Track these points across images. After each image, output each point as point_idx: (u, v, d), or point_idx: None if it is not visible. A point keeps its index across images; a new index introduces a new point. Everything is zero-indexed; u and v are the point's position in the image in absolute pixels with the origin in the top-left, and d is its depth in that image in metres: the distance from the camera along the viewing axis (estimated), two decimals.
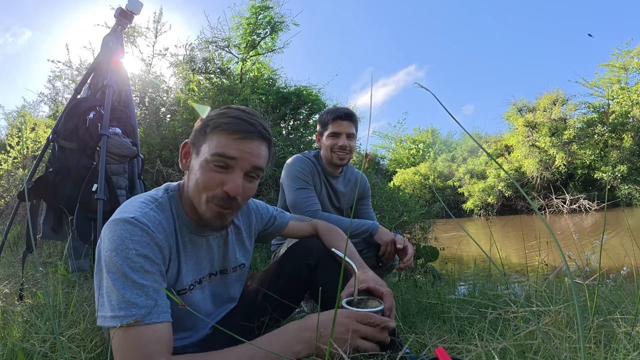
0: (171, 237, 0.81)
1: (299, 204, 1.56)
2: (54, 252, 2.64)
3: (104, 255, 0.71)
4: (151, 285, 0.70)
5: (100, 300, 0.71)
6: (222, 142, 0.77)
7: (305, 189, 1.59)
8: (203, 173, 0.77)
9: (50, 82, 6.18)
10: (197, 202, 0.80)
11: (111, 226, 0.72)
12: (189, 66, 5.88)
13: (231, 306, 1.03)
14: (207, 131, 0.79)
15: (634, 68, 15.63)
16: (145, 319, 0.66)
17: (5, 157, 4.69)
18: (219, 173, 0.77)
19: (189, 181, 0.82)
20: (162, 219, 0.79)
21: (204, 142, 0.79)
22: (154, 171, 3.77)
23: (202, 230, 0.88)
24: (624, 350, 0.72)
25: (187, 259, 0.85)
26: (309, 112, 6.50)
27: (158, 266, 0.73)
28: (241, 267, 1.02)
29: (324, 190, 1.74)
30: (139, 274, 0.69)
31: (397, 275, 2.97)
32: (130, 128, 1.87)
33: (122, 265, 0.68)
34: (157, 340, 0.67)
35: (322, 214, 1.54)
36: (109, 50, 1.81)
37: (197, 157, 0.81)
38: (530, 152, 16.96)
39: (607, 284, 1.80)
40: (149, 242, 0.73)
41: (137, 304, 0.67)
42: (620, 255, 2.33)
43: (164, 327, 0.69)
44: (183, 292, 0.85)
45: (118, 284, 0.68)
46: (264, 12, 6.41)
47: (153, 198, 0.82)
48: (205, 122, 0.81)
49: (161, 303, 0.70)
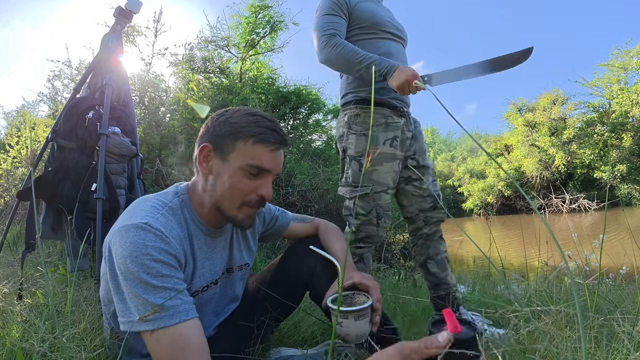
0: (185, 242, 0.80)
1: (318, 28, 1.36)
2: (53, 252, 2.64)
3: (118, 262, 0.70)
4: (172, 286, 0.70)
5: (121, 305, 0.70)
6: (258, 153, 0.80)
7: (333, 15, 1.37)
8: (238, 180, 0.80)
9: (50, 82, 6.18)
10: (228, 205, 0.82)
11: (123, 232, 0.71)
12: (189, 65, 5.88)
13: (234, 306, 1.03)
14: (239, 138, 0.79)
15: (633, 68, 15.63)
16: (174, 319, 0.67)
17: (5, 156, 4.68)
18: (252, 180, 0.81)
19: (214, 185, 0.82)
20: (174, 224, 0.78)
21: (233, 149, 0.80)
22: (154, 170, 3.77)
23: (214, 232, 0.88)
24: (625, 350, 0.72)
25: (203, 261, 0.85)
26: (308, 111, 6.51)
27: (175, 269, 0.73)
28: (246, 267, 1.03)
29: None
30: (157, 279, 0.69)
31: (397, 275, 2.97)
32: (130, 127, 1.86)
33: (138, 273, 0.68)
34: (192, 338, 0.68)
35: (337, 40, 1.32)
36: (108, 50, 1.81)
37: (224, 162, 0.80)
38: (529, 152, 16.97)
39: (607, 283, 1.80)
40: (164, 247, 0.72)
41: (162, 305, 0.67)
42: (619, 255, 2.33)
43: (195, 323, 0.70)
44: (196, 294, 0.85)
45: (139, 290, 0.68)
46: (263, 11, 6.41)
47: (163, 202, 0.81)
48: (233, 127, 0.80)
49: (187, 300, 0.71)
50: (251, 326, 0.98)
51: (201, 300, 0.87)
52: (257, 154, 0.79)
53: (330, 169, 4.62)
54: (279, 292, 1.03)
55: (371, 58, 1.27)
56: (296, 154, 4.81)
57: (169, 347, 0.66)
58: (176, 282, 0.71)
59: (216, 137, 0.81)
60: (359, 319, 0.81)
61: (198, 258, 0.84)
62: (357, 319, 0.81)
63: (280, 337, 1.24)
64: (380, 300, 0.86)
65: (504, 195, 17.51)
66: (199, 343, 0.68)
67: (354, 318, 0.81)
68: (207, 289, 0.88)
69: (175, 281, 0.71)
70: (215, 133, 0.82)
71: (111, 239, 0.74)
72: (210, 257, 0.88)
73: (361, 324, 0.82)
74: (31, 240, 1.63)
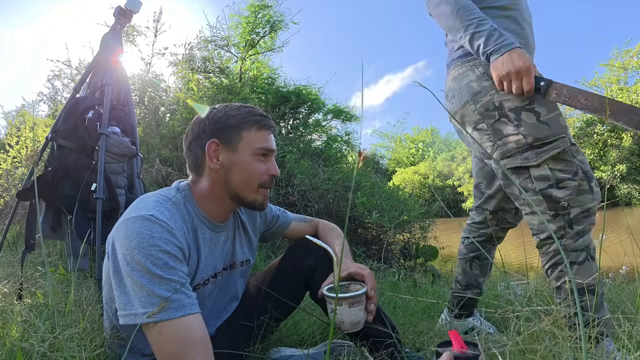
0: (188, 235, 0.81)
1: None
2: (53, 252, 2.64)
3: (123, 253, 0.70)
4: (178, 279, 0.70)
5: (123, 298, 0.70)
6: (262, 137, 0.87)
7: None
8: (253, 165, 0.86)
9: (50, 82, 6.18)
10: (247, 191, 0.87)
11: (128, 224, 0.72)
12: (188, 65, 5.88)
13: (235, 304, 1.03)
14: (243, 128, 0.86)
15: (633, 67, 15.65)
16: (178, 312, 0.67)
17: (5, 156, 4.68)
18: (263, 162, 0.88)
19: (229, 176, 0.86)
20: (178, 218, 0.80)
21: (240, 139, 0.85)
22: (154, 170, 3.77)
23: (218, 227, 0.90)
24: (625, 350, 0.72)
25: (207, 255, 0.87)
26: (308, 111, 6.50)
27: (180, 262, 0.74)
28: (247, 263, 1.03)
29: None
30: (164, 270, 0.69)
31: (397, 275, 2.97)
32: (130, 127, 1.86)
33: (145, 263, 0.68)
34: (196, 332, 0.68)
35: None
36: (108, 49, 1.81)
37: (234, 153, 0.85)
38: None
39: (607, 283, 1.80)
40: (169, 239, 0.73)
41: (167, 298, 0.67)
42: (619, 255, 2.34)
43: (199, 317, 0.71)
44: (197, 287, 0.86)
45: (145, 281, 0.68)
46: (263, 10, 6.40)
47: (166, 197, 0.82)
48: (235, 120, 0.85)
49: (190, 294, 0.71)
50: (251, 326, 0.98)
51: (201, 295, 0.87)
52: (261, 138, 0.87)
53: (330, 169, 4.62)
54: (280, 292, 1.03)
55: (484, 25, 0.97)
56: (296, 153, 4.80)
57: (173, 339, 0.66)
58: (181, 275, 0.72)
59: (220, 132, 0.85)
60: (353, 305, 0.83)
61: (202, 251, 0.85)
62: (352, 305, 0.83)
63: (280, 336, 1.24)
64: (375, 288, 0.88)
65: None
66: (202, 337, 0.69)
67: (348, 305, 0.82)
68: (207, 283, 0.89)
69: (180, 274, 0.71)
70: (218, 128, 0.85)
71: (115, 232, 0.74)
72: (213, 251, 0.90)
73: (355, 311, 0.83)
74: (31, 240, 1.63)
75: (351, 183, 4.25)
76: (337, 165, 5.42)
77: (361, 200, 3.93)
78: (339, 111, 6.59)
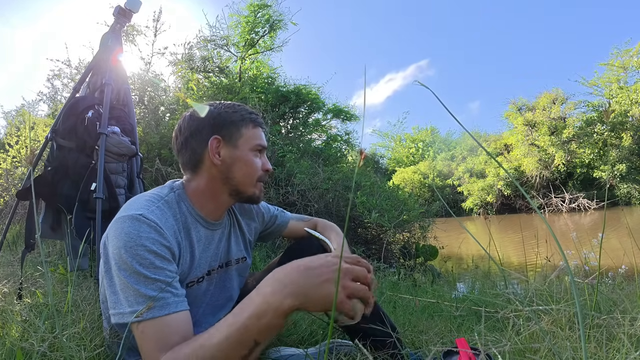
0: (179, 234, 0.81)
1: None
2: (53, 252, 2.64)
3: (112, 252, 0.71)
4: (164, 279, 0.70)
5: (113, 297, 0.70)
6: (258, 134, 0.91)
7: None
8: (252, 160, 0.90)
9: (49, 81, 6.17)
10: (247, 186, 0.90)
11: (118, 223, 0.72)
12: (188, 65, 5.87)
13: (231, 304, 1.03)
14: (242, 125, 0.89)
15: (633, 67, 15.64)
16: (163, 311, 0.67)
17: (4, 156, 4.68)
18: (259, 158, 0.92)
19: (230, 172, 0.87)
20: (169, 217, 0.80)
21: (240, 135, 0.88)
22: (153, 170, 3.77)
23: (213, 225, 0.91)
24: (625, 350, 0.72)
25: (201, 253, 0.87)
26: (308, 110, 6.51)
27: (168, 262, 0.73)
28: (243, 260, 1.03)
29: None
30: (149, 270, 0.69)
31: (397, 275, 2.97)
32: (129, 127, 1.86)
33: (132, 263, 0.68)
34: (177, 330, 0.67)
35: None
36: (108, 49, 1.81)
37: (235, 149, 0.87)
38: (529, 151, 16.97)
39: (606, 282, 1.80)
40: (157, 238, 0.72)
41: (153, 297, 0.67)
42: (619, 254, 2.34)
43: (183, 315, 0.70)
44: (191, 285, 0.86)
45: (131, 280, 0.68)
46: (263, 10, 6.40)
47: (159, 196, 0.83)
48: (235, 117, 0.88)
49: (177, 293, 0.71)
50: None
51: (196, 293, 0.87)
52: (257, 135, 0.91)
53: (330, 169, 4.62)
54: None
55: None
56: (296, 153, 4.80)
57: (154, 338, 0.65)
58: (168, 274, 0.71)
59: (221, 128, 0.86)
60: None
61: (196, 250, 0.85)
62: None
63: (279, 336, 1.24)
64: (371, 270, 0.86)
65: (504, 194, 17.50)
66: (184, 334, 0.67)
67: None
68: (202, 280, 0.89)
69: (167, 274, 0.71)
70: (218, 125, 0.86)
71: (107, 232, 0.75)
72: (208, 249, 0.90)
73: None
74: (31, 239, 1.63)
75: (351, 182, 4.25)
76: (336, 164, 5.43)
77: (361, 199, 3.93)
78: (339, 111, 6.59)
